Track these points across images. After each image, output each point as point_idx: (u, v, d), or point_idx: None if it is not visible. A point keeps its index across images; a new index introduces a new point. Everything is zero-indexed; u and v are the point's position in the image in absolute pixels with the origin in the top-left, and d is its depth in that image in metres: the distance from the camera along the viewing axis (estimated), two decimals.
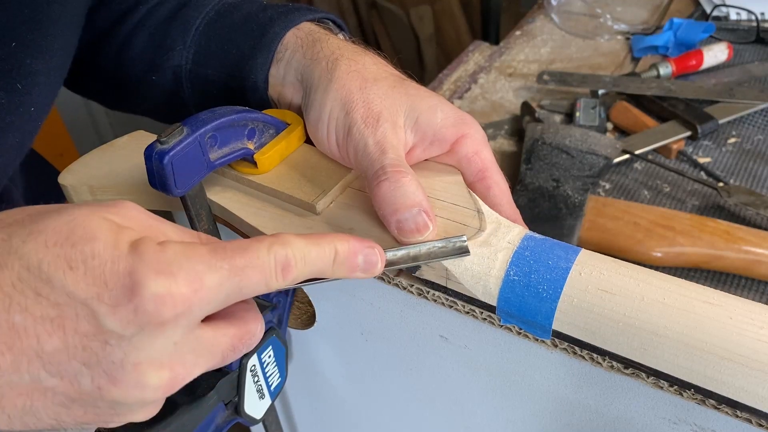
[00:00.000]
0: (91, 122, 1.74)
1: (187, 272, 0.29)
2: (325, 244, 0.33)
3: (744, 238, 0.66)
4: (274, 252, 0.31)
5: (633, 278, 0.36)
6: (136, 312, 0.29)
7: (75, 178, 0.48)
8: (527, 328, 0.39)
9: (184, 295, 0.29)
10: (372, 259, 0.35)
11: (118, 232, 0.30)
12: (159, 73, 0.54)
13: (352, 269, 0.35)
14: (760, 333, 0.33)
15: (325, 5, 2.00)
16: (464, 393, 0.49)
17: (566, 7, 1.16)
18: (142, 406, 0.31)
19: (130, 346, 0.29)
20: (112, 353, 0.29)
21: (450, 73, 1.04)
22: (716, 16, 1.08)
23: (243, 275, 0.31)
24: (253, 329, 0.34)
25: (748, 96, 0.89)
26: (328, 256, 0.33)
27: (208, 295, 0.30)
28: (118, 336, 0.29)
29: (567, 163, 0.77)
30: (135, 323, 0.29)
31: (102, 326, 0.29)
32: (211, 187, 0.45)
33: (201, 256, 0.30)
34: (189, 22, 0.53)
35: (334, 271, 0.34)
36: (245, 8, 0.53)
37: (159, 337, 0.29)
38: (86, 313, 0.29)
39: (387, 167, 0.40)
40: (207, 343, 0.32)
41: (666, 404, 0.38)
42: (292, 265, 0.32)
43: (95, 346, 0.29)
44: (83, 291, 0.29)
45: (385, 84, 0.44)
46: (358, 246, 0.35)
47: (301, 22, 0.50)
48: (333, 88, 0.44)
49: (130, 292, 0.29)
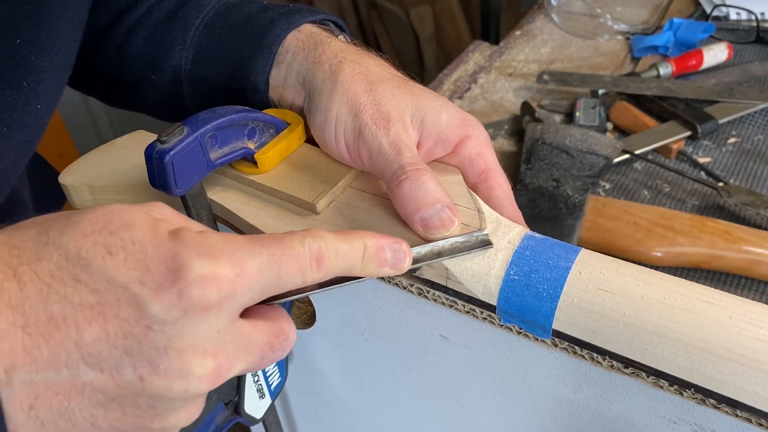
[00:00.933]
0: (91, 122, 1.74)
1: (229, 256, 0.29)
2: (354, 239, 0.33)
3: (744, 238, 0.66)
4: (307, 243, 0.31)
5: (633, 278, 0.36)
6: (181, 295, 0.28)
7: (75, 178, 0.48)
8: (527, 327, 0.39)
9: (228, 277, 0.29)
10: (399, 255, 0.35)
11: (156, 222, 0.30)
12: (158, 73, 0.54)
13: (380, 264, 0.35)
14: (760, 333, 0.33)
15: (325, 5, 2.01)
16: (464, 393, 0.49)
17: (566, 7, 1.16)
18: (184, 402, 0.30)
19: (174, 332, 0.28)
20: (155, 339, 0.28)
21: (450, 73, 1.04)
22: (716, 16, 1.08)
23: (281, 263, 0.30)
24: (287, 329, 0.33)
25: (748, 96, 0.89)
26: (358, 250, 0.33)
27: (250, 280, 0.29)
28: (161, 321, 0.28)
29: (567, 163, 0.77)
30: (179, 307, 0.28)
31: (144, 311, 0.28)
32: (212, 187, 0.46)
33: (240, 242, 0.30)
34: (188, 22, 0.53)
35: (363, 266, 0.34)
36: (245, 8, 0.52)
37: (203, 322, 0.29)
38: (127, 298, 0.28)
39: (406, 166, 0.40)
40: (246, 337, 0.31)
41: (666, 404, 0.38)
42: (325, 257, 0.32)
43: (137, 332, 0.28)
44: (124, 275, 0.28)
45: (390, 85, 0.44)
46: (385, 241, 0.35)
47: (301, 23, 0.50)
48: (338, 91, 0.44)
49: (173, 275, 0.28)
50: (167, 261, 0.28)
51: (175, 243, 0.29)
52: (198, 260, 0.28)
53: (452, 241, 0.38)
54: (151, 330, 0.28)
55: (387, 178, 0.41)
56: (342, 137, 0.44)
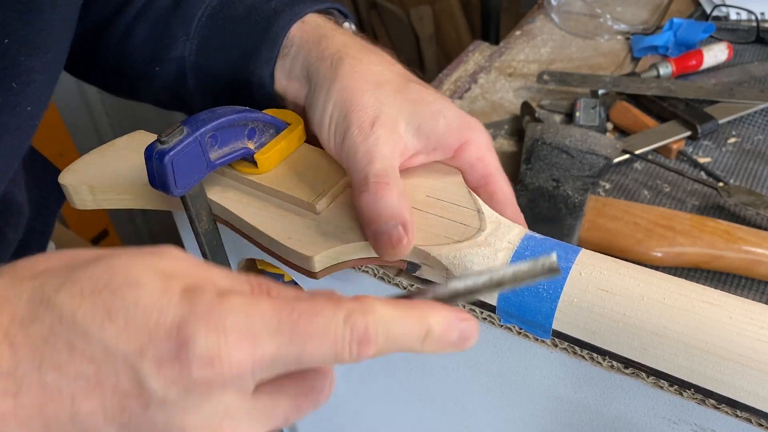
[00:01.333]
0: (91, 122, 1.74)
1: (242, 333, 0.26)
2: (416, 318, 0.28)
3: (744, 238, 0.66)
4: (351, 323, 0.27)
5: (633, 278, 0.36)
6: (183, 373, 0.25)
7: (75, 178, 0.47)
8: (527, 327, 0.39)
9: (235, 359, 0.26)
10: (467, 334, 0.29)
11: (166, 280, 0.27)
12: (162, 65, 0.53)
13: (443, 347, 0.29)
14: (760, 333, 0.33)
15: None
16: (464, 393, 0.49)
17: (566, 7, 1.16)
18: None
19: (175, 410, 0.26)
20: (154, 416, 0.26)
21: (450, 73, 1.04)
22: (716, 16, 1.08)
23: (308, 345, 0.27)
24: (320, 386, 0.30)
25: (748, 96, 0.89)
26: (418, 333, 0.28)
27: (262, 362, 0.26)
28: (161, 398, 0.26)
29: (567, 163, 0.77)
30: (180, 384, 0.26)
31: (144, 385, 0.26)
32: (211, 187, 0.45)
33: (262, 315, 0.26)
34: (191, 13, 0.52)
35: (422, 349, 0.29)
36: None
37: (206, 401, 0.26)
38: (127, 370, 0.26)
39: (370, 177, 0.40)
40: (264, 408, 0.28)
41: (666, 404, 0.38)
42: (372, 341, 0.27)
43: (135, 408, 0.26)
44: (124, 345, 0.25)
45: (388, 88, 0.44)
46: (454, 321, 0.29)
47: (306, 14, 0.49)
48: (335, 89, 0.44)
49: (176, 350, 0.25)
50: (171, 330, 0.26)
51: (184, 309, 0.26)
52: (206, 335, 0.25)
53: (514, 269, 0.31)
54: (150, 407, 0.26)
55: (353, 185, 0.41)
56: (333, 136, 0.44)
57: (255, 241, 0.44)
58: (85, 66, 0.59)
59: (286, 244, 0.41)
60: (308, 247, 0.41)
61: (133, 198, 0.47)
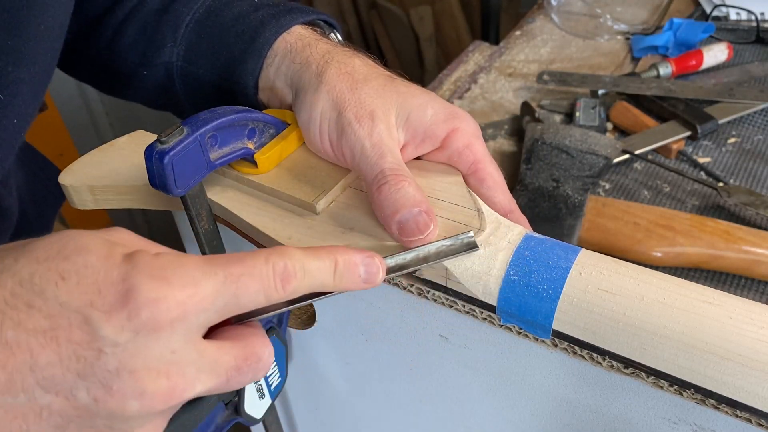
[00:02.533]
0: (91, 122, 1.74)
1: (181, 277, 0.29)
2: (324, 256, 0.33)
3: (744, 238, 0.66)
4: (272, 262, 0.31)
5: (633, 278, 0.36)
6: (130, 317, 0.28)
7: (75, 178, 0.47)
8: (527, 327, 0.39)
9: (178, 299, 0.29)
10: (372, 269, 0.35)
11: (110, 246, 0.30)
12: (150, 69, 0.53)
13: (353, 281, 0.34)
14: (760, 333, 0.33)
15: (325, 5, 2.00)
16: (464, 393, 0.49)
17: (566, 7, 1.16)
18: (142, 421, 0.30)
19: (126, 353, 0.28)
20: (107, 362, 0.28)
21: (450, 73, 1.04)
22: (716, 16, 1.08)
23: (240, 283, 0.30)
24: (260, 352, 0.33)
25: (748, 96, 0.89)
26: (329, 267, 0.33)
27: (203, 302, 0.30)
28: (112, 343, 0.28)
29: (567, 163, 0.77)
30: (129, 329, 0.28)
31: (96, 334, 0.28)
32: (211, 187, 0.46)
33: (195, 263, 0.30)
34: (179, 18, 0.53)
35: (335, 283, 0.33)
36: (236, 6, 0.52)
37: (155, 343, 0.29)
38: (80, 322, 0.28)
39: (386, 171, 0.40)
40: (209, 358, 0.31)
41: (666, 404, 0.38)
42: (291, 276, 0.31)
43: (89, 355, 0.28)
44: (76, 299, 0.28)
45: (376, 83, 0.44)
46: (358, 257, 0.34)
47: (292, 26, 0.49)
48: (323, 90, 0.44)
49: (123, 298, 0.28)
50: (118, 284, 0.28)
51: (127, 266, 0.29)
52: (148, 282, 0.28)
53: (437, 246, 0.38)
54: (103, 353, 0.28)
55: (368, 181, 0.41)
56: (326, 135, 0.44)
57: (255, 241, 0.44)
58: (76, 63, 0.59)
59: (286, 244, 0.41)
60: None
61: (133, 198, 0.47)
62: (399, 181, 0.40)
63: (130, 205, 0.48)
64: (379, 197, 0.40)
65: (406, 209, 0.39)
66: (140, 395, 0.29)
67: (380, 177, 0.40)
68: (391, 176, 0.40)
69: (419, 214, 0.39)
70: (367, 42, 2.10)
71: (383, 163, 0.41)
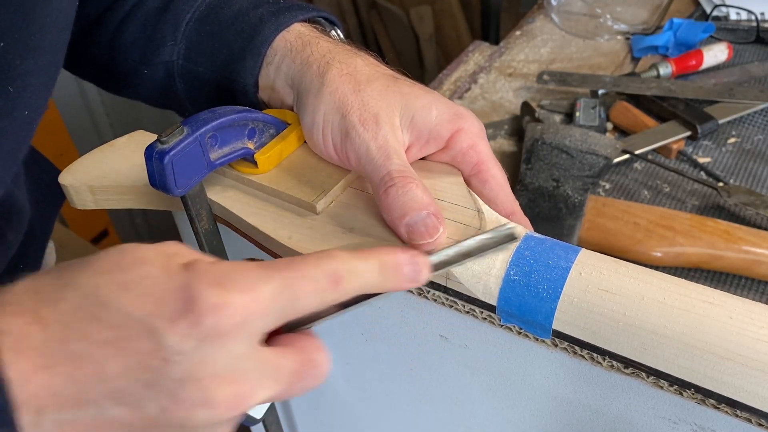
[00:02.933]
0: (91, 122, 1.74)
1: (240, 283, 0.29)
2: (370, 257, 0.33)
3: (744, 238, 0.66)
4: (322, 265, 0.31)
5: (633, 278, 0.36)
6: (194, 325, 0.28)
7: (75, 178, 0.47)
8: (527, 327, 0.39)
9: (239, 304, 0.29)
10: (417, 268, 0.35)
11: (167, 257, 0.30)
12: (151, 67, 0.53)
13: (399, 280, 0.34)
14: (760, 333, 0.33)
15: (324, 5, 2.00)
16: (464, 393, 0.49)
17: (566, 7, 1.16)
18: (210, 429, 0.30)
19: (192, 361, 0.28)
20: (173, 370, 0.28)
21: (450, 73, 1.04)
22: (716, 16, 1.08)
23: (295, 286, 0.30)
24: (318, 358, 0.33)
25: (748, 96, 0.89)
26: (375, 268, 0.33)
27: (264, 306, 0.30)
28: (177, 351, 0.28)
29: (567, 163, 0.77)
30: (194, 336, 0.28)
31: (161, 343, 0.28)
32: (211, 187, 0.45)
33: (252, 269, 0.30)
34: (179, 17, 0.52)
35: (382, 283, 0.34)
36: (236, 4, 0.52)
37: (220, 350, 0.29)
38: (144, 331, 0.28)
39: (393, 173, 0.40)
40: (270, 364, 0.31)
41: (666, 404, 0.38)
42: (341, 277, 0.32)
43: (156, 365, 0.28)
44: (139, 309, 0.28)
45: (379, 84, 0.44)
46: (402, 257, 0.34)
47: (291, 24, 0.49)
48: (326, 92, 0.44)
49: (186, 306, 0.28)
50: (179, 292, 0.29)
51: (187, 275, 0.29)
52: (209, 289, 0.29)
53: (479, 239, 0.37)
54: (169, 361, 0.28)
55: (374, 183, 0.41)
56: (330, 138, 0.44)
57: (255, 241, 0.44)
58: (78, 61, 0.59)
59: (286, 244, 0.41)
60: (308, 247, 0.41)
61: (133, 198, 0.47)
62: (406, 183, 0.40)
63: (130, 205, 0.48)
64: (386, 200, 0.40)
65: (414, 212, 0.39)
66: (207, 403, 0.29)
67: (387, 179, 0.40)
68: (398, 178, 0.40)
69: (428, 216, 0.39)
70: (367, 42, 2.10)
71: (390, 165, 0.41)
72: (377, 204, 0.41)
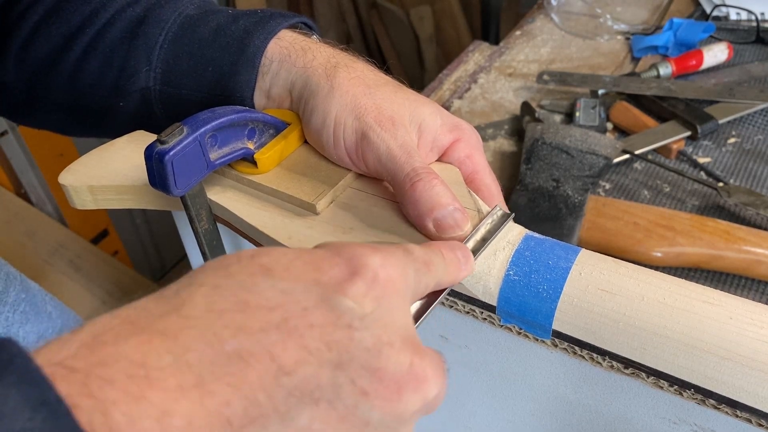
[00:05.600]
0: None
1: (390, 259, 0.28)
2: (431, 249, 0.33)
3: (744, 238, 0.66)
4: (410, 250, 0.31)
5: (633, 278, 0.36)
6: (369, 283, 0.25)
7: (75, 178, 0.47)
8: (527, 327, 0.39)
9: (394, 261, 0.27)
10: (466, 252, 0.36)
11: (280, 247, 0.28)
12: (125, 98, 0.50)
13: (458, 270, 0.35)
14: (760, 333, 0.33)
15: (325, 6, 2.01)
16: (464, 393, 0.49)
17: (566, 7, 1.16)
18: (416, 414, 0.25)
19: (378, 324, 0.24)
20: (362, 339, 0.24)
21: (450, 73, 1.04)
22: (716, 16, 1.08)
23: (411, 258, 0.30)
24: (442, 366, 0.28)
25: (748, 96, 0.89)
26: (441, 260, 0.34)
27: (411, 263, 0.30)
28: (360, 315, 0.24)
29: (567, 163, 0.77)
30: (371, 296, 0.25)
31: (338, 309, 0.24)
32: (211, 187, 0.46)
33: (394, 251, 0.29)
34: (150, 41, 0.49)
35: (445, 275, 0.34)
36: (212, 20, 0.49)
37: (398, 311, 0.26)
38: (314, 302, 0.24)
39: (419, 169, 0.41)
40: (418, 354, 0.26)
41: (666, 404, 0.38)
42: (431, 261, 0.32)
43: (340, 337, 0.23)
44: (297, 282, 0.24)
45: (387, 89, 0.44)
46: (451, 245, 0.36)
47: (279, 30, 0.48)
48: (336, 94, 0.44)
49: (349, 267, 0.25)
50: (333, 257, 0.26)
51: (337, 246, 0.27)
52: (363, 248, 0.26)
53: (484, 226, 0.40)
54: (354, 328, 0.24)
55: (398, 180, 0.41)
56: (341, 139, 0.44)
57: (255, 241, 0.44)
58: (37, 113, 0.55)
59: (287, 244, 0.41)
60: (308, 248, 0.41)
61: (133, 198, 0.47)
62: (432, 178, 0.40)
63: (130, 205, 0.48)
64: (414, 194, 0.40)
65: (443, 207, 0.39)
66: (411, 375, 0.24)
67: (413, 174, 0.40)
68: (423, 173, 0.40)
69: (455, 210, 0.40)
70: (367, 42, 2.10)
71: (414, 162, 0.41)
72: (401, 200, 0.41)
